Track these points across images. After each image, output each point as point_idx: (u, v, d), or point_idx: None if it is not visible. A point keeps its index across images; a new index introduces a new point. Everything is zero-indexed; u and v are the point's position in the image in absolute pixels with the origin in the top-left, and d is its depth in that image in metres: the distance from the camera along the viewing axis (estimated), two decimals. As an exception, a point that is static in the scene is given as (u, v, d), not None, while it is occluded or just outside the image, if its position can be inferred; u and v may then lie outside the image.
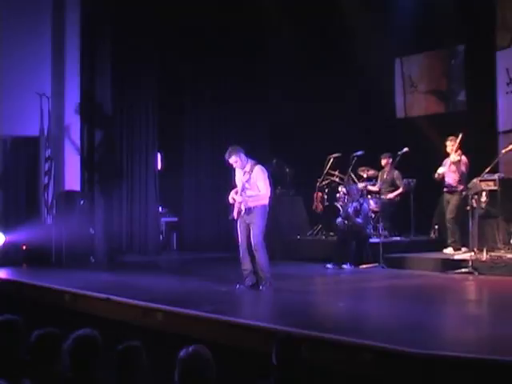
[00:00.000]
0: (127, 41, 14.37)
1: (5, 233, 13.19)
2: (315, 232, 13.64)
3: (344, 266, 11.65)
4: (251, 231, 9.47)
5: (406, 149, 12.40)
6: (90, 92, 14.79)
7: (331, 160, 13.29)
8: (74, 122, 14.84)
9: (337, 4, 13.49)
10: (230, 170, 9.93)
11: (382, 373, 5.95)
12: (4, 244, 13.07)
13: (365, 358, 5.96)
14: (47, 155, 14.67)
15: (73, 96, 14.71)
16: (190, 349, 4.78)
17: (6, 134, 13.94)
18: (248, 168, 9.61)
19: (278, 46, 14.34)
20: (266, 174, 9.65)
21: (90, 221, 14.72)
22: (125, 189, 15.86)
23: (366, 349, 6.02)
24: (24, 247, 13.67)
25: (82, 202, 14.80)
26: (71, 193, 14.88)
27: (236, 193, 9.64)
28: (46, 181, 14.68)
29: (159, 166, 16.43)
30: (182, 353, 4.72)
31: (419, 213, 12.82)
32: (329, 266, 11.69)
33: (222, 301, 8.45)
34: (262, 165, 9.76)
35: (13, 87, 12.72)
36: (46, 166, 14.69)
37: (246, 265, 9.53)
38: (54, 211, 14.57)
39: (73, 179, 14.99)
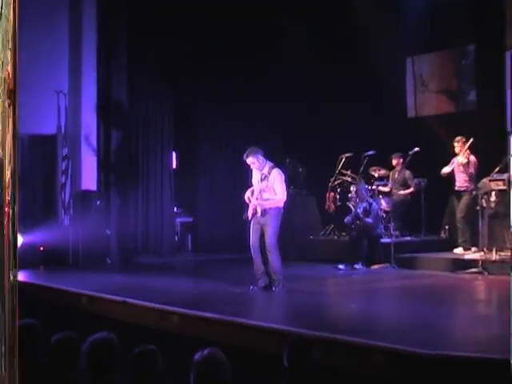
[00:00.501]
0: (142, 37, 14.27)
1: (22, 233, 12.59)
2: (327, 232, 13.64)
3: (356, 266, 11.63)
4: (265, 233, 9.49)
5: (416, 149, 12.50)
6: (107, 90, 14.64)
7: (343, 160, 13.18)
8: (90, 120, 14.61)
9: (350, 4, 13.43)
10: (247, 170, 9.96)
11: (394, 374, 6.00)
12: (22, 245, 12.27)
13: (377, 360, 6.00)
14: (64, 154, 14.43)
15: (89, 93, 14.52)
16: (205, 352, 4.81)
17: (23, 133, 13.20)
18: (266, 170, 9.62)
19: (290, 46, 14.34)
20: (284, 178, 9.68)
21: (106, 221, 14.49)
22: (140, 189, 15.61)
23: (377, 350, 6.08)
24: (41, 248, 13.44)
25: (98, 203, 14.55)
26: (88, 193, 14.58)
27: (252, 192, 9.65)
28: (63, 180, 14.45)
29: (174, 166, 16.20)
30: (197, 356, 4.74)
31: (429, 212, 12.85)
32: (341, 266, 11.72)
33: (236, 302, 8.54)
34: (279, 167, 9.76)
35: (29, 85, 11.83)
36: (63, 164, 14.44)
37: (258, 266, 9.54)
38: (71, 211, 14.40)
39: (89, 179, 14.71)
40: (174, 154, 16.15)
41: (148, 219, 15.63)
